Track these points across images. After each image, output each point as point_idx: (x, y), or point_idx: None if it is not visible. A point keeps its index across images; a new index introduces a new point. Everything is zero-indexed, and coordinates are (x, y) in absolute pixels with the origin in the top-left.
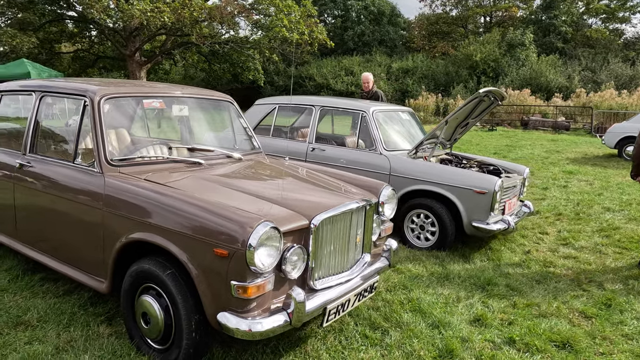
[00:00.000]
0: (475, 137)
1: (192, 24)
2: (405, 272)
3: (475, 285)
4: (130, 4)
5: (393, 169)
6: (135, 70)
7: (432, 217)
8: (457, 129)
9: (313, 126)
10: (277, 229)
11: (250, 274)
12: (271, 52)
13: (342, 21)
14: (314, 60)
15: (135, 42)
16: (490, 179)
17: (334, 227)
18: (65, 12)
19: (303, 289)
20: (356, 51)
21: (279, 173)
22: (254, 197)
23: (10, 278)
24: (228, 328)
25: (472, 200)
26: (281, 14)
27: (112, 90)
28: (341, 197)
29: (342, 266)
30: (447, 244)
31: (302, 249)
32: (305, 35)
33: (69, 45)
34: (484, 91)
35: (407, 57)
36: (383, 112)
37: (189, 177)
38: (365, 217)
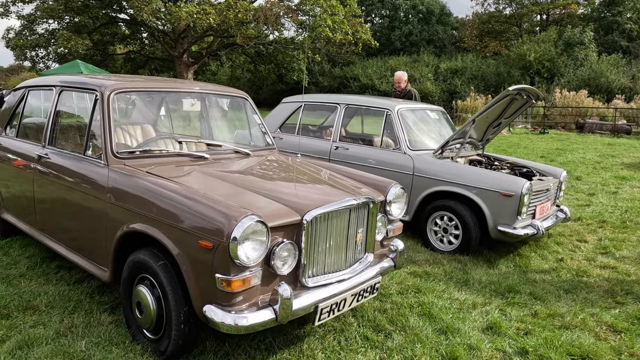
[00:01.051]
0: (525, 140)
1: (237, 25)
2: (422, 275)
3: (496, 292)
4: (178, 6)
5: (417, 169)
6: (183, 71)
7: (455, 220)
8: (488, 129)
9: (337, 124)
10: (264, 223)
11: (234, 267)
12: (314, 53)
13: (389, 21)
14: (359, 61)
15: (183, 43)
16: (518, 181)
17: (329, 224)
18: (118, 15)
19: (295, 285)
20: (403, 51)
21: (284, 169)
22: (249, 191)
23: (30, 265)
24: (214, 321)
25: (498, 203)
26: (325, 14)
27: (122, 85)
28: (341, 194)
29: (339, 265)
30: (471, 248)
31: (293, 245)
32: (349, 36)
33: (122, 47)
34: (514, 89)
35: (456, 57)
36: (409, 110)
37: (191, 171)
38: (368, 215)
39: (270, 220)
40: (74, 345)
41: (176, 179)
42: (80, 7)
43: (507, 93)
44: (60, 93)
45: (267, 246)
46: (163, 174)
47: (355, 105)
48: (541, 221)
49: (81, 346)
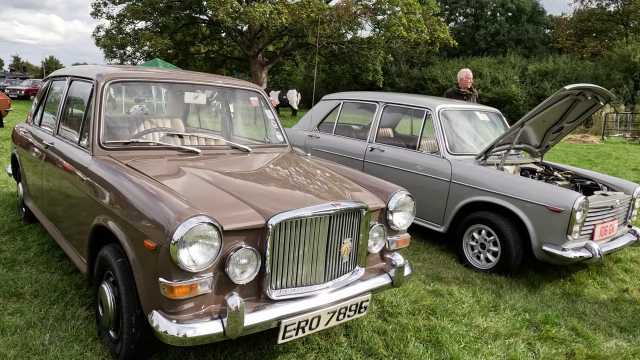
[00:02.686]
0: (619, 150)
1: (310, 24)
2: (445, 294)
3: (529, 322)
4: (252, 6)
5: (454, 175)
6: (257, 70)
7: (494, 235)
8: (547, 134)
9: (375, 124)
10: (215, 226)
11: (177, 272)
12: (387, 52)
13: (474, 20)
14: (439, 61)
15: (259, 43)
16: (569, 195)
17: (302, 231)
18: (198, 16)
19: (258, 297)
20: (487, 52)
21: (278, 169)
22: (223, 191)
23: (38, 252)
24: (157, 330)
25: (544, 218)
26: (400, 12)
27: (119, 75)
28: (319, 198)
29: (315, 277)
30: (510, 268)
31: (254, 252)
32: (426, 35)
33: (202, 47)
34: (572, 88)
35: (547, 58)
36: (453, 111)
37: (172, 166)
38: (360, 224)
39: (228, 222)
40: (37, 338)
41: (151, 174)
42: (164, 9)
43: (563, 93)
44: (70, 83)
45: (220, 251)
46: (140, 168)
47: (394, 104)
48: (602, 243)
49: (44, 340)
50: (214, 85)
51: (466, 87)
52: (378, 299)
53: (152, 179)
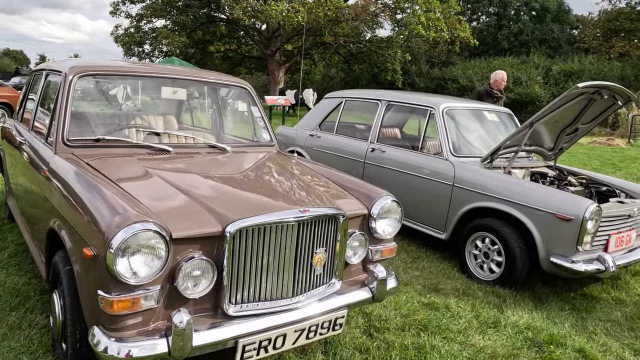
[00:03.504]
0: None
1: (327, 23)
2: (441, 308)
3: (532, 342)
4: (268, 4)
5: (457, 179)
6: (275, 69)
7: (498, 244)
8: (561, 136)
9: (377, 123)
10: (161, 234)
11: (116, 284)
12: (405, 52)
13: (496, 19)
14: (460, 61)
15: (276, 42)
16: (580, 202)
17: (265, 239)
18: (217, 14)
19: (215, 313)
20: (510, 51)
21: (254, 171)
22: (184, 194)
23: (12, 253)
24: (96, 350)
25: (552, 227)
26: (419, 10)
27: (88, 68)
28: (293, 204)
29: (282, 291)
30: (515, 280)
31: (209, 263)
32: (445, 34)
33: (220, 46)
34: (585, 86)
35: (572, 58)
36: (459, 110)
37: (137, 165)
38: (335, 232)
39: (178, 230)
40: None
41: (109, 174)
42: (182, 7)
43: (577, 91)
44: (46, 77)
45: (167, 262)
46: (100, 167)
47: (397, 102)
48: (617, 255)
49: None
50: (197, 80)
51: (499, 89)
52: (365, 312)
53: (108, 180)
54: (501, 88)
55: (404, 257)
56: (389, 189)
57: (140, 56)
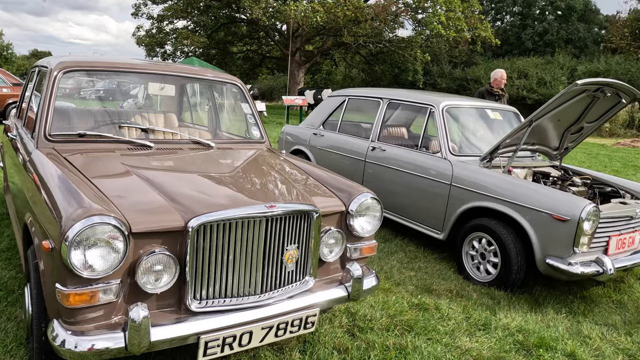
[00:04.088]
0: None
1: (346, 23)
2: (431, 309)
3: (521, 345)
4: (287, 4)
5: (455, 178)
6: (295, 69)
7: (495, 245)
8: (565, 135)
9: (378, 122)
10: (119, 227)
11: (72, 277)
12: (424, 52)
13: (520, 19)
14: (483, 61)
15: (296, 42)
16: (576, 202)
17: (231, 234)
18: (238, 15)
19: (179, 308)
20: (535, 51)
21: (233, 167)
22: (151, 189)
23: (5, 247)
24: (54, 344)
25: (548, 228)
26: (438, 9)
27: (74, 63)
28: (265, 199)
29: (249, 287)
30: (511, 282)
31: (172, 257)
32: (465, 33)
33: (240, 46)
34: (584, 82)
35: (598, 58)
36: (460, 108)
37: (113, 160)
38: (309, 229)
39: (139, 223)
40: None
41: (83, 169)
42: (203, 8)
43: (576, 89)
44: (38, 73)
45: (125, 255)
46: (75, 162)
47: (398, 100)
48: (618, 258)
49: None
50: (186, 77)
51: (500, 87)
52: (351, 311)
53: (80, 175)
54: (501, 86)
55: (401, 256)
56: (389, 188)
57: (163, 57)
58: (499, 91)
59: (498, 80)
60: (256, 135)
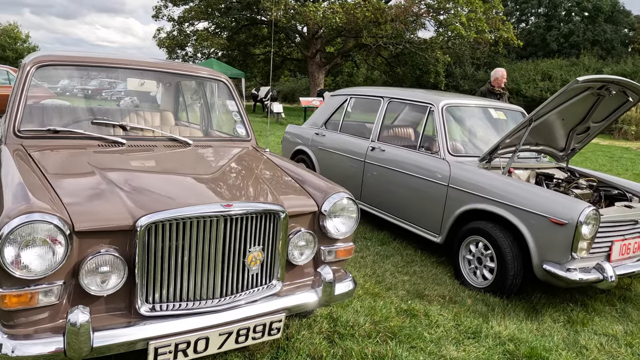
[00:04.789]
0: None
1: (366, 24)
2: (420, 315)
3: (511, 355)
4: (306, 5)
5: (453, 179)
6: (315, 71)
7: (491, 249)
8: (571, 135)
9: (379, 121)
10: (58, 226)
11: (8, 278)
12: (444, 53)
13: (545, 20)
14: (506, 63)
15: (316, 44)
16: (575, 205)
17: (185, 234)
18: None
19: (129, 312)
20: (560, 53)
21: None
22: (109, 186)
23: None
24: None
25: (546, 232)
26: (458, 9)
27: (48, 58)
28: (223, 198)
29: (207, 291)
30: (507, 288)
31: (119, 258)
32: (487, 34)
33: (261, 48)
34: (585, 79)
35: (625, 60)
36: (460, 107)
37: (79, 157)
38: (275, 229)
39: (83, 222)
40: None
41: (43, 165)
42: (224, 10)
43: (577, 86)
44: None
45: (66, 255)
46: (38, 158)
47: (399, 99)
48: (622, 264)
49: None
50: (168, 72)
51: (500, 86)
52: (333, 317)
53: (38, 172)
54: (502, 85)
55: (397, 260)
56: (388, 189)
57: (184, 59)
58: (500, 90)
59: (499, 79)
60: (242, 133)
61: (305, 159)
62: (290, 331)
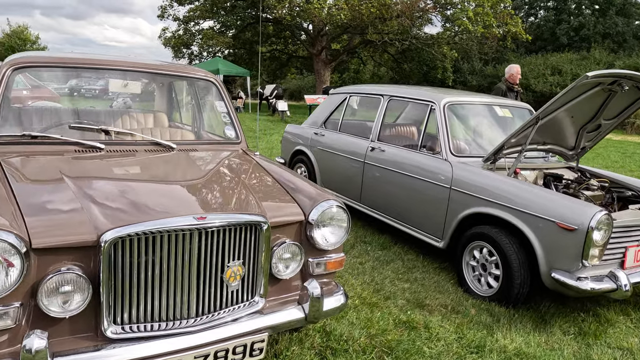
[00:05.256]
0: None
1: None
2: (420, 327)
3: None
4: (310, 2)
5: (455, 181)
6: (321, 69)
7: (496, 256)
8: (581, 134)
9: (378, 120)
10: (13, 245)
11: None
12: (451, 49)
13: (555, 13)
14: (515, 58)
15: (322, 41)
16: (585, 209)
17: (155, 250)
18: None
19: (96, 334)
20: (570, 47)
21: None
22: (77, 199)
23: None
24: None
25: (554, 238)
26: (465, 3)
27: (25, 59)
28: (195, 210)
29: (182, 310)
30: (513, 297)
31: (82, 277)
32: (494, 29)
33: (267, 46)
34: (595, 75)
35: (638, 53)
36: (463, 105)
37: (49, 164)
38: (256, 242)
39: (42, 238)
40: None
41: (10, 174)
42: (229, 8)
43: (587, 81)
44: None
45: (22, 276)
46: (6, 167)
47: (399, 97)
48: (634, 272)
49: None
50: (152, 73)
51: (516, 82)
52: (326, 330)
53: (4, 181)
54: (517, 82)
55: (398, 266)
56: (388, 191)
57: (191, 58)
58: (517, 87)
59: (514, 75)
60: (231, 135)
61: (304, 160)
62: (279, 347)
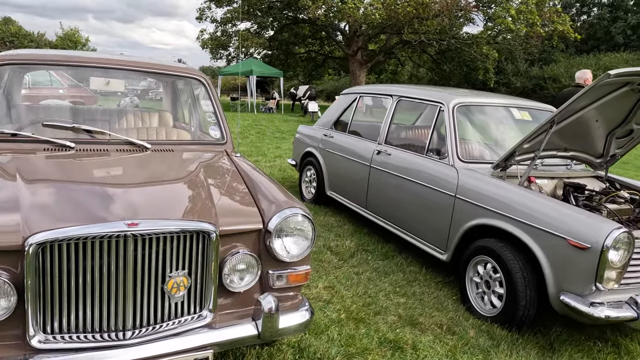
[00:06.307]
0: None
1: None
2: (407, 348)
3: None
4: (345, 2)
5: (460, 189)
6: (356, 69)
7: (500, 272)
8: (610, 140)
9: (386, 122)
10: None
11: None
12: (490, 49)
13: (610, 11)
14: (563, 58)
15: (358, 41)
16: (600, 225)
17: (87, 257)
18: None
19: (23, 344)
20: (626, 46)
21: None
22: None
23: None
24: None
25: (564, 256)
26: (508, 1)
27: (8, 57)
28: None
29: (118, 322)
30: (517, 319)
31: (7, 283)
32: (538, 27)
33: (303, 46)
34: (616, 73)
35: None
36: (474, 106)
37: (7, 164)
38: (204, 251)
39: None
40: None
41: None
42: (265, 9)
43: (609, 80)
44: None
45: None
46: None
47: (408, 98)
48: None
49: None
50: (137, 70)
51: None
52: (301, 346)
53: None
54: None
55: (397, 278)
56: (393, 197)
57: (228, 59)
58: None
59: (588, 80)
60: (216, 135)
61: (313, 163)
62: None
